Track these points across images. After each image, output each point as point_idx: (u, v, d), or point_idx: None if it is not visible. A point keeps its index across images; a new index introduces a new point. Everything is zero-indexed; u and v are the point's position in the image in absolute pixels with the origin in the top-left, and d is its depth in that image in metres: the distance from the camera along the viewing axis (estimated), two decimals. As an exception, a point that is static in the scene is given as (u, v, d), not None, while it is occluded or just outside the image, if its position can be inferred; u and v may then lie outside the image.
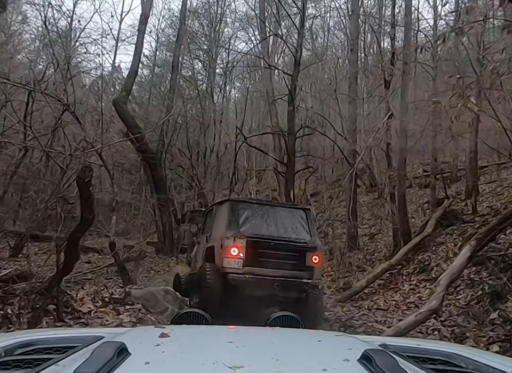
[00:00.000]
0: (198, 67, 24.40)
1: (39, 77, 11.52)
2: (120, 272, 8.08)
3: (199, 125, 18.95)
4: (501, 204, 11.74)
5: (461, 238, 9.71)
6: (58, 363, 0.99)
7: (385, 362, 0.90)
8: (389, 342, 1.38)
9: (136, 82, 26.40)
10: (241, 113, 20.37)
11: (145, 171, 13.51)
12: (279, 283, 6.28)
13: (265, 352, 1.05)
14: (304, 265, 6.50)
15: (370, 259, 11.64)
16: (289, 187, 12.39)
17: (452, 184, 16.87)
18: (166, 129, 14.22)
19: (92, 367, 0.83)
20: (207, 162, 18.57)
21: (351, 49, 15.75)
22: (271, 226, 6.67)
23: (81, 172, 4.85)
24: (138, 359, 0.93)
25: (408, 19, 11.59)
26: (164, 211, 13.03)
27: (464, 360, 1.26)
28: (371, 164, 19.35)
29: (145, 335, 1.30)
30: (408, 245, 9.71)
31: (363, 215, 17.00)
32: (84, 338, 1.28)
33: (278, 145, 17.54)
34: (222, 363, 0.89)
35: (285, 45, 20.70)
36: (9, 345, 1.23)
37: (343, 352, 1.05)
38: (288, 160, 12.84)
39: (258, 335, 1.39)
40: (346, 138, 13.55)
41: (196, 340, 1.22)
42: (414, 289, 7.83)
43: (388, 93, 11.11)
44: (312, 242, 6.69)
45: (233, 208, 6.73)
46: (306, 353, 1.09)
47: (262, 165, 23.87)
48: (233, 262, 6.27)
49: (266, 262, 6.37)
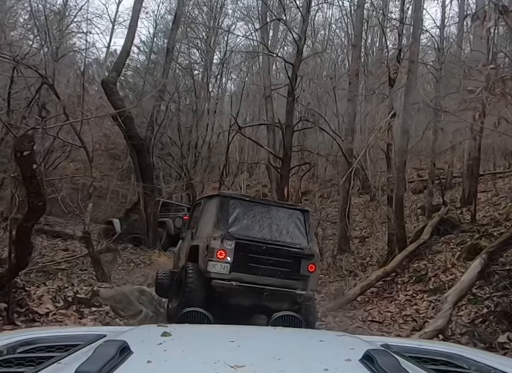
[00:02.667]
0: (195, 57, 23.77)
1: (26, 53, 10.80)
2: (94, 265, 7.42)
3: (192, 114, 18.25)
4: (500, 214, 11.35)
5: (459, 248, 9.28)
6: (60, 361, 0.99)
7: (387, 362, 0.90)
8: (390, 342, 1.37)
9: (132, 69, 25.74)
10: (237, 104, 19.70)
11: (132, 158, 12.81)
12: (269, 293, 5.69)
13: (267, 352, 1.04)
14: (299, 274, 5.90)
15: (362, 264, 11.17)
16: (284, 183, 11.76)
17: (446, 190, 16.48)
18: (156, 115, 13.53)
19: (93, 366, 0.82)
20: (198, 152, 17.89)
21: (354, 45, 15.26)
22: (265, 227, 6.04)
23: (17, 143, 3.40)
24: (140, 358, 0.93)
25: (418, 16, 11.06)
26: (149, 200, 12.36)
27: (466, 361, 1.26)
28: (365, 165, 18.93)
29: (147, 334, 1.28)
30: (404, 252, 9.24)
31: (354, 216, 16.61)
32: (86, 336, 1.28)
33: (272, 140, 16.99)
34: (224, 362, 0.89)
35: (285, 36, 20.21)
36: (12, 343, 1.23)
37: (345, 352, 1.05)
38: (284, 154, 12.20)
39: (260, 335, 1.40)
40: (344, 136, 12.99)
41: (198, 339, 1.22)
42: (411, 300, 7.34)
43: (391, 91, 10.57)
44: (309, 249, 6.06)
45: (224, 204, 6.07)
46: (308, 352, 1.09)
47: (254, 160, 23.29)
48: (219, 267, 5.65)
49: (256, 268, 5.77)
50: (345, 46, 22.89)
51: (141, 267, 10.66)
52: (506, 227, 9.22)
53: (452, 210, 12.88)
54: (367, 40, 21.03)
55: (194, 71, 21.73)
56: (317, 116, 16.54)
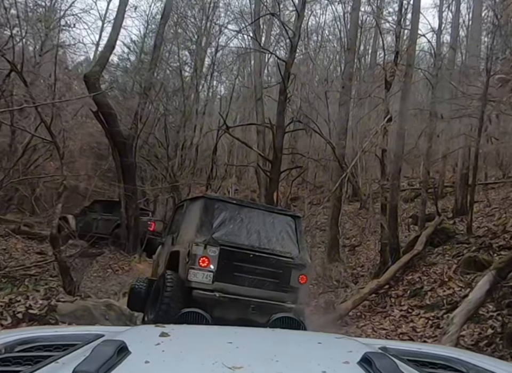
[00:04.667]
0: (186, 58, 23.26)
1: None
2: (61, 272, 6.75)
3: (181, 114, 17.65)
4: (495, 226, 10.97)
5: (455, 260, 8.82)
6: (58, 360, 0.99)
7: (385, 365, 0.89)
8: (389, 345, 1.36)
9: (121, 68, 25.12)
10: (227, 106, 19.18)
11: (113, 157, 12.15)
12: (256, 306, 5.20)
13: (265, 353, 1.04)
14: (288, 285, 5.42)
15: (352, 274, 10.67)
16: (273, 188, 11.17)
17: (438, 200, 16.17)
18: (141, 113, 12.90)
19: (91, 365, 0.82)
20: (185, 154, 17.26)
21: (348, 49, 14.89)
22: (252, 233, 5.56)
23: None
24: (138, 358, 0.93)
25: (415, 18, 10.68)
26: (131, 203, 11.70)
27: (465, 364, 1.25)
28: (356, 172, 18.53)
29: (145, 334, 1.28)
30: (397, 263, 8.76)
31: (344, 224, 16.16)
32: (84, 336, 1.28)
33: (262, 144, 16.48)
34: (222, 363, 0.89)
35: (279, 39, 19.79)
36: (10, 341, 1.23)
37: (343, 354, 1.05)
38: (274, 156, 11.63)
39: (258, 336, 1.38)
40: (337, 141, 12.52)
41: (196, 340, 1.22)
42: (406, 316, 6.82)
43: (387, 95, 10.15)
44: (300, 258, 5.59)
45: (208, 207, 5.57)
46: (306, 354, 1.08)
47: (243, 164, 22.79)
48: (201, 275, 5.15)
49: (242, 278, 5.28)
50: (338, 52, 22.68)
51: (119, 274, 9.97)
52: (505, 240, 8.80)
53: (444, 220, 12.50)
54: (360, 46, 20.80)
55: (184, 72, 21.22)
56: (309, 119, 16.09)
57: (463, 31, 16.36)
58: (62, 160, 6.45)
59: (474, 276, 7.54)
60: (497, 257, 7.86)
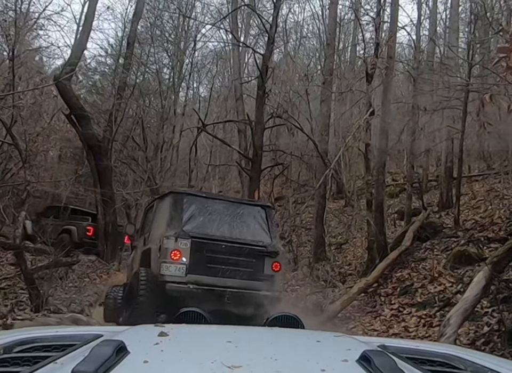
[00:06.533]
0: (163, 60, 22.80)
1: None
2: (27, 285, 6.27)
3: (159, 116, 17.19)
4: (482, 218, 10.83)
5: (444, 254, 8.60)
6: (56, 361, 0.98)
7: (383, 363, 0.89)
8: (387, 343, 1.34)
9: (98, 72, 24.55)
10: (206, 106, 18.77)
11: (88, 161, 11.66)
12: (231, 296, 5.23)
13: (264, 352, 1.03)
14: (263, 274, 5.51)
15: (340, 273, 10.38)
16: (254, 186, 10.84)
17: (422, 195, 16.04)
18: (115, 114, 12.40)
19: (90, 366, 0.82)
20: (164, 156, 16.80)
21: (328, 44, 14.66)
22: (223, 225, 5.62)
23: None
24: (137, 358, 0.92)
25: (395, 8, 10.48)
26: (108, 208, 11.20)
27: (463, 362, 1.25)
28: (339, 169, 18.30)
29: (144, 334, 1.28)
30: (385, 260, 8.49)
31: (329, 222, 15.91)
32: (82, 336, 1.28)
33: (244, 143, 16.13)
34: (221, 362, 0.89)
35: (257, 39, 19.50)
36: (8, 342, 1.22)
37: (341, 353, 1.04)
38: (254, 154, 11.34)
39: (257, 335, 1.39)
40: (320, 137, 12.24)
41: (195, 339, 1.22)
42: (397, 316, 6.53)
43: (369, 88, 9.90)
44: (273, 246, 5.68)
45: (177, 202, 5.58)
46: (305, 353, 1.08)
47: (226, 166, 22.37)
48: (173, 269, 5.16)
49: (215, 269, 5.34)
50: (317, 49, 22.51)
51: (96, 283, 9.49)
52: (494, 232, 8.62)
53: (431, 214, 12.34)
54: (340, 42, 20.63)
55: (163, 74, 20.79)
56: (290, 116, 15.81)
57: (440, 24, 16.29)
58: (25, 164, 6.00)
59: (465, 271, 7.32)
60: (487, 250, 7.67)
